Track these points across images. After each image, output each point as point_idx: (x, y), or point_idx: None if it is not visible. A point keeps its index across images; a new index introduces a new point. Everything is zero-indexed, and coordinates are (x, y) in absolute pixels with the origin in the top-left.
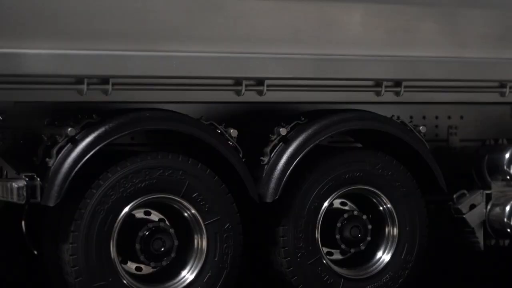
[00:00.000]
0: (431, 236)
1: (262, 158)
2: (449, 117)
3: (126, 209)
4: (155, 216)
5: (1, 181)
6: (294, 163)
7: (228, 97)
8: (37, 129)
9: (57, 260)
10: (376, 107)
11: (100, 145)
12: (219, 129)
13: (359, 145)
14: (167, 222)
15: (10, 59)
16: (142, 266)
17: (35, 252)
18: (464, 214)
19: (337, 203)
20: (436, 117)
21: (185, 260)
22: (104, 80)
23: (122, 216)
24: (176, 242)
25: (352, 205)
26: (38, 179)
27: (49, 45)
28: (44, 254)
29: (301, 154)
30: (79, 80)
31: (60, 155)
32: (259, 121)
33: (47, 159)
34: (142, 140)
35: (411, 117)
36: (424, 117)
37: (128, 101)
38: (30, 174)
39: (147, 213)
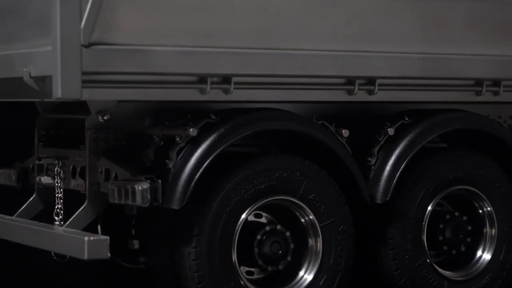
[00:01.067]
0: None
1: (369, 158)
2: None
3: (247, 212)
4: (265, 218)
5: (117, 184)
6: (404, 164)
7: (339, 96)
8: (141, 130)
9: (169, 265)
10: (471, 107)
11: (224, 146)
12: (331, 129)
13: (444, 145)
14: (280, 225)
15: (135, 56)
16: (253, 270)
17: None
18: None
19: (438, 204)
20: None
21: (300, 263)
22: (226, 79)
23: (243, 219)
24: (292, 245)
25: (449, 206)
26: (159, 181)
27: (173, 42)
28: (153, 259)
29: (410, 155)
30: (202, 79)
31: (180, 156)
32: (364, 120)
33: (166, 160)
34: (252, 140)
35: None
36: None
37: (247, 100)
38: (149, 176)
39: (258, 216)
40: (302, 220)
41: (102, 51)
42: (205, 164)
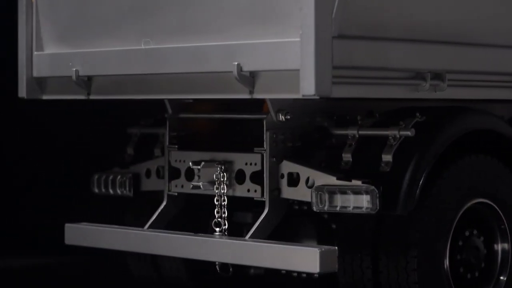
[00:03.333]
0: None
1: None
2: None
3: (458, 217)
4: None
5: (328, 189)
6: None
7: None
8: (327, 129)
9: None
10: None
11: (443, 147)
12: None
13: None
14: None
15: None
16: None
17: None
18: None
19: None
20: None
21: (491, 269)
22: (438, 76)
23: (454, 224)
24: (485, 251)
25: None
26: (380, 186)
27: (406, 36)
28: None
29: None
30: (420, 75)
31: (397, 158)
32: None
33: (381, 163)
34: None
35: None
36: None
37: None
38: (365, 180)
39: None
40: (495, 223)
41: (349, 44)
42: (429, 167)
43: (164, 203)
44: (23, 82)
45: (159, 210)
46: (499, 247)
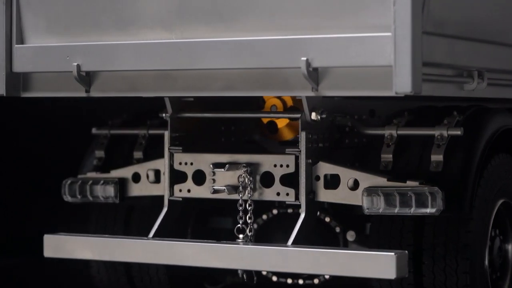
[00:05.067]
0: None
1: None
2: None
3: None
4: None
5: (386, 191)
6: None
7: None
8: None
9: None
10: None
11: (488, 146)
12: None
13: None
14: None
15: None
16: None
17: None
18: None
19: None
20: None
21: None
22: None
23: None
24: None
25: None
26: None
27: None
28: None
29: None
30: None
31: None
32: None
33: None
34: None
35: None
36: None
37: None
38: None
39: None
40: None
41: (433, 41)
42: (480, 167)
43: (165, 209)
44: (3, 78)
45: (161, 217)
46: (509, 247)
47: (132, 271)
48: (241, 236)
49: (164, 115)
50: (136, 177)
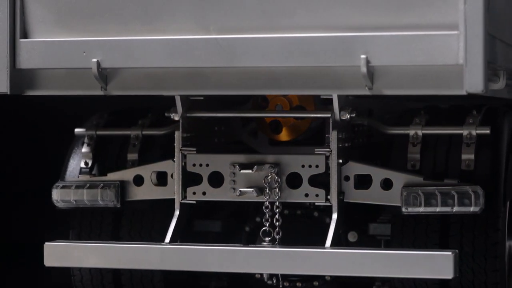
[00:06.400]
0: None
1: None
2: None
3: None
4: None
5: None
6: None
7: None
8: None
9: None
10: None
11: None
12: None
13: None
14: None
15: None
16: None
17: None
18: None
19: None
20: None
21: None
22: None
23: None
24: None
25: None
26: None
27: None
28: None
29: None
30: None
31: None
32: None
33: (466, 161)
34: None
35: None
36: None
37: None
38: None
39: None
40: None
41: (495, 43)
42: (509, 165)
43: (177, 212)
44: (5, 75)
45: (174, 221)
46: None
47: (122, 279)
48: (267, 239)
49: (172, 115)
50: (138, 180)
